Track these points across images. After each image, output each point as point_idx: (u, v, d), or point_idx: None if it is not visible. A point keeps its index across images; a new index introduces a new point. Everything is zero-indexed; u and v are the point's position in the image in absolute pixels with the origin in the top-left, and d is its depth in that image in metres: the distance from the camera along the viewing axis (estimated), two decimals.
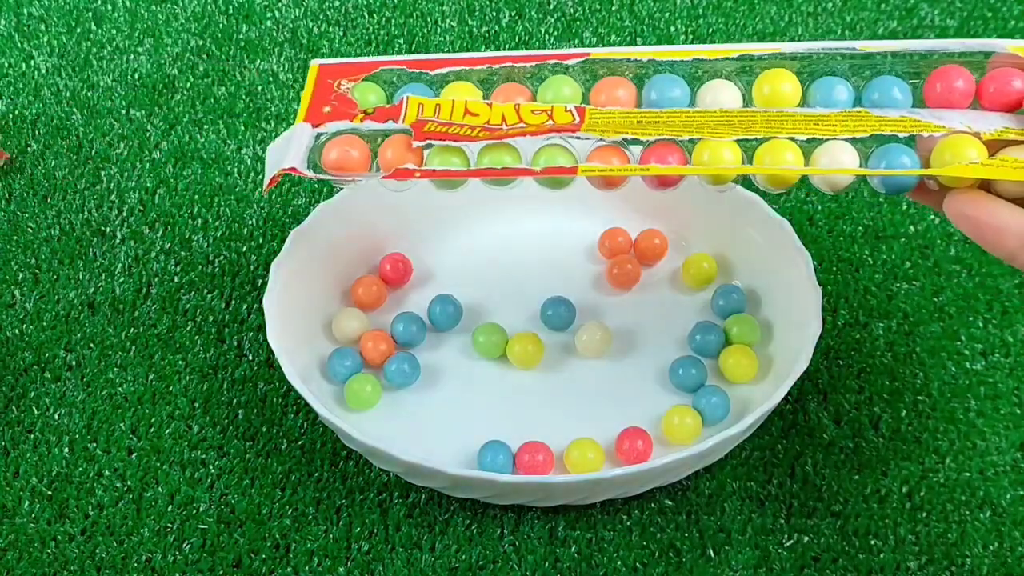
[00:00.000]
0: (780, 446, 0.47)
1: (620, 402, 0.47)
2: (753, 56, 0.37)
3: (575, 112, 0.37)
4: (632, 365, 0.49)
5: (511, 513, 0.45)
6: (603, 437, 0.45)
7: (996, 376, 0.49)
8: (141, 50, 0.66)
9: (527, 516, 0.45)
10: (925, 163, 0.36)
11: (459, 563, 0.43)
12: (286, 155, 0.38)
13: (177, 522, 0.44)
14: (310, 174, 0.38)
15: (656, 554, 0.44)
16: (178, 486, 0.46)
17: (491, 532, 0.44)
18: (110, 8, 0.68)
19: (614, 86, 0.37)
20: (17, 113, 0.62)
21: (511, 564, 0.43)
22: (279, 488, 0.46)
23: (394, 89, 0.40)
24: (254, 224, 0.56)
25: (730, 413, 0.46)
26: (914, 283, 0.53)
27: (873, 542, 0.44)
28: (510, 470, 0.44)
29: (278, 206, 0.57)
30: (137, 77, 0.64)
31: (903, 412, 0.48)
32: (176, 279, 0.53)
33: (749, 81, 0.37)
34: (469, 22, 0.68)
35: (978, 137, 0.35)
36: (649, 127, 0.36)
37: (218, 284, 0.53)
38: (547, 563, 0.43)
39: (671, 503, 0.45)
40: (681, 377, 0.47)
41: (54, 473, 0.46)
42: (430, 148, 0.38)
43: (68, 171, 0.59)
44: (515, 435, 0.45)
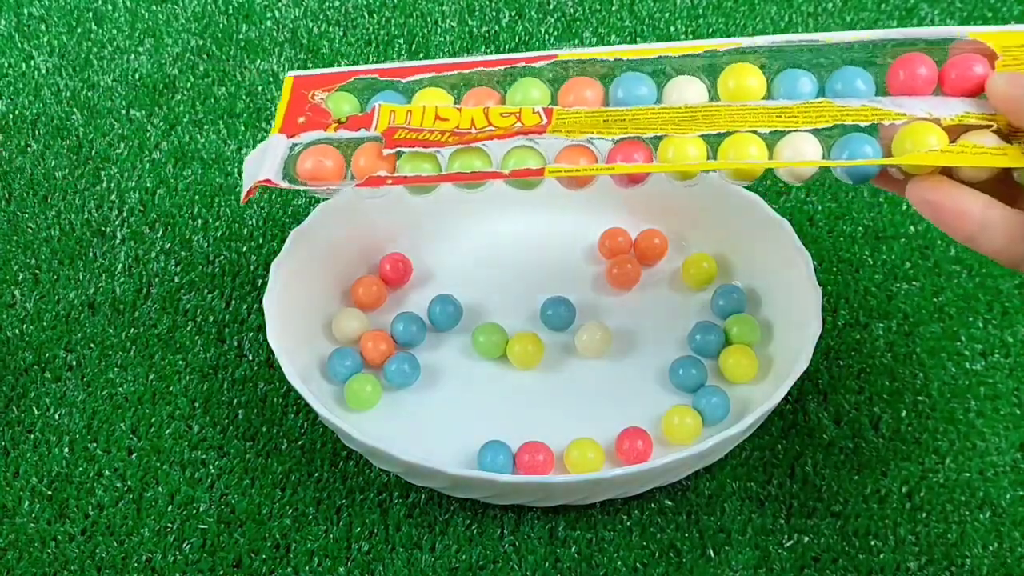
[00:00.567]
0: (780, 446, 0.47)
1: (620, 402, 0.47)
2: (718, 52, 0.37)
3: (543, 113, 0.38)
4: (632, 365, 0.49)
5: (511, 513, 0.45)
6: (603, 437, 0.45)
7: (996, 376, 0.49)
8: (141, 50, 0.66)
9: (527, 516, 0.45)
10: (887, 151, 0.36)
11: (459, 563, 0.43)
12: (261, 167, 0.39)
13: (177, 522, 0.44)
14: (285, 185, 0.39)
15: (656, 554, 0.44)
16: (178, 486, 0.46)
17: (491, 532, 0.44)
18: (110, 8, 0.68)
19: (582, 86, 0.38)
20: (17, 113, 0.62)
21: (511, 564, 0.43)
22: (279, 488, 0.46)
23: (368, 97, 0.40)
24: (254, 224, 0.56)
25: (730, 413, 0.46)
26: (914, 283, 0.53)
27: (873, 542, 0.44)
28: (510, 470, 0.44)
29: (278, 206, 0.57)
30: (137, 77, 0.64)
31: (903, 412, 0.48)
32: (176, 279, 0.53)
33: (715, 78, 0.37)
34: (469, 22, 0.68)
35: (938, 123, 0.35)
36: (615, 126, 0.37)
37: (218, 284, 0.53)
38: (547, 563, 0.43)
39: (671, 503, 0.45)
40: (681, 377, 0.47)
41: (54, 473, 0.46)
42: (401, 155, 0.38)
43: (68, 171, 0.59)
44: (515, 435, 0.45)
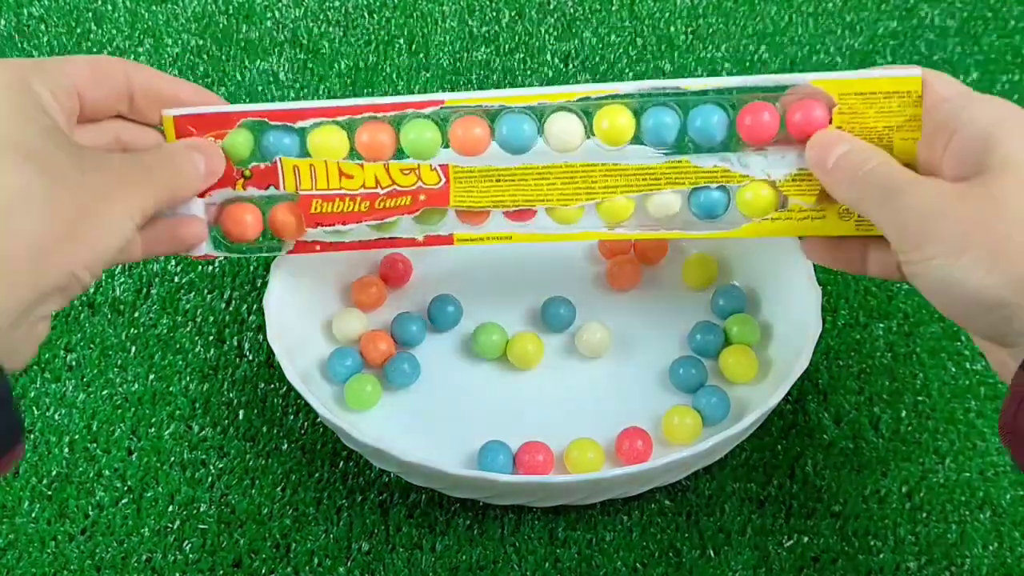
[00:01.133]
0: (780, 446, 0.47)
1: (620, 402, 0.47)
2: (591, 98, 0.41)
3: (440, 172, 0.42)
4: (632, 365, 0.49)
5: (511, 514, 0.45)
6: (603, 437, 0.45)
7: (996, 376, 0.49)
8: (141, 50, 0.66)
9: (527, 517, 0.45)
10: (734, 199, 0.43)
11: (459, 563, 0.43)
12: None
13: (177, 522, 0.44)
14: (222, 255, 0.43)
15: (656, 554, 0.44)
16: (178, 486, 0.46)
17: (491, 533, 0.44)
18: (110, 8, 0.68)
19: (471, 124, 0.42)
20: None
21: (511, 565, 0.43)
22: (279, 488, 0.46)
23: (261, 133, 0.42)
24: None
25: (730, 413, 0.46)
26: None
27: (873, 542, 0.44)
28: (510, 470, 0.44)
29: None
30: None
31: (903, 412, 0.48)
32: (176, 279, 0.53)
33: (591, 117, 0.42)
34: (469, 22, 0.68)
35: (774, 186, 0.41)
36: (507, 186, 0.42)
37: (218, 284, 0.53)
38: (547, 564, 0.43)
39: (671, 503, 0.45)
40: (681, 377, 0.47)
41: (54, 473, 0.46)
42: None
43: None
44: (515, 435, 0.45)
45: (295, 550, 0.44)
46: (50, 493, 0.45)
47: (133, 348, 0.51)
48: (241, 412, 0.48)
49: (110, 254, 0.34)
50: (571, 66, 0.65)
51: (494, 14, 0.68)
